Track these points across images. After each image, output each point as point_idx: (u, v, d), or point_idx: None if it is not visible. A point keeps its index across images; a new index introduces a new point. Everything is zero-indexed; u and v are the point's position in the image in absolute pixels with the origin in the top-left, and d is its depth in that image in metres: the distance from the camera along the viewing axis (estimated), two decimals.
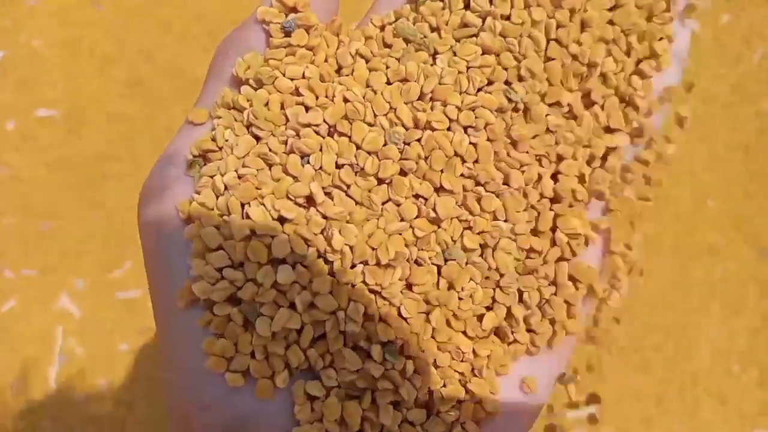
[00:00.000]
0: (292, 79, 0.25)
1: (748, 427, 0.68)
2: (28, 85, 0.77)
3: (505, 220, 0.25)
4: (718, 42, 0.81)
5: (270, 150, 0.25)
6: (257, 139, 0.25)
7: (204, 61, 0.84)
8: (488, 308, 0.25)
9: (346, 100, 0.25)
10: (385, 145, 0.25)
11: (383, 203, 0.25)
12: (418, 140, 0.25)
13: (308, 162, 0.24)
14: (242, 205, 0.24)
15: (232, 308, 0.24)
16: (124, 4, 0.81)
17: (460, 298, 0.25)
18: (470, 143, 0.25)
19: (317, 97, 0.25)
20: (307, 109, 0.25)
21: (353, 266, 0.24)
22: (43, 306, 0.69)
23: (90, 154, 0.75)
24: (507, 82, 0.26)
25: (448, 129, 0.25)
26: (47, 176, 0.74)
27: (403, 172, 0.25)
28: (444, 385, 0.25)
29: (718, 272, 0.73)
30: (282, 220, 0.24)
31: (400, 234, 0.24)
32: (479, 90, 0.26)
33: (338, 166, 0.25)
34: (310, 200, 0.24)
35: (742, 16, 0.82)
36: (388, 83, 0.26)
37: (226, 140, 0.25)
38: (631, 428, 0.68)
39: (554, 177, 0.26)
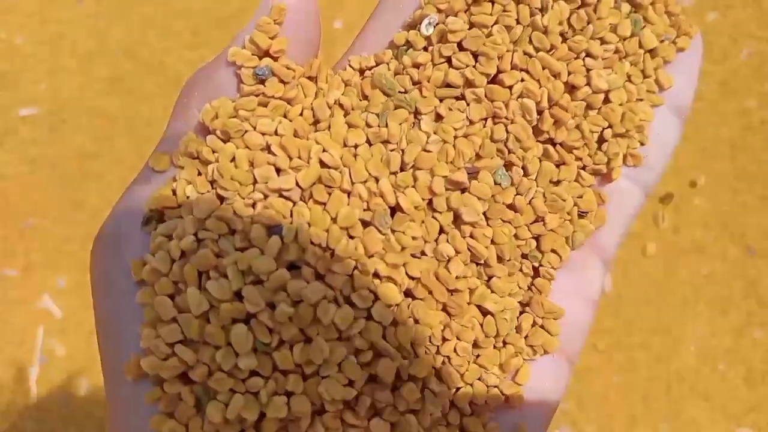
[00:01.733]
0: (263, 134, 0.23)
1: (733, 425, 0.69)
2: (10, 82, 0.77)
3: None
4: (704, 40, 0.81)
5: (235, 213, 0.22)
6: (221, 199, 0.23)
7: (186, 57, 0.84)
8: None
9: (322, 163, 0.23)
10: (366, 226, 0.23)
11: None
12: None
13: (276, 233, 0.22)
14: (199, 274, 0.22)
15: (184, 386, 0.22)
16: (105, 0, 0.80)
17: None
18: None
19: (290, 158, 0.23)
20: (278, 171, 0.23)
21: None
22: (25, 306, 0.69)
23: (72, 152, 0.74)
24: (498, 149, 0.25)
25: (433, 210, 0.24)
26: (29, 174, 0.73)
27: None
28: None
29: (704, 270, 0.74)
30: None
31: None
32: (470, 173, 0.24)
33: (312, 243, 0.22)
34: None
35: (729, 14, 0.82)
36: (368, 142, 0.24)
37: (188, 197, 0.23)
38: (616, 427, 0.68)
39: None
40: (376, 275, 0.22)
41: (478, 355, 0.24)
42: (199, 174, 0.23)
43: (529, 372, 0.25)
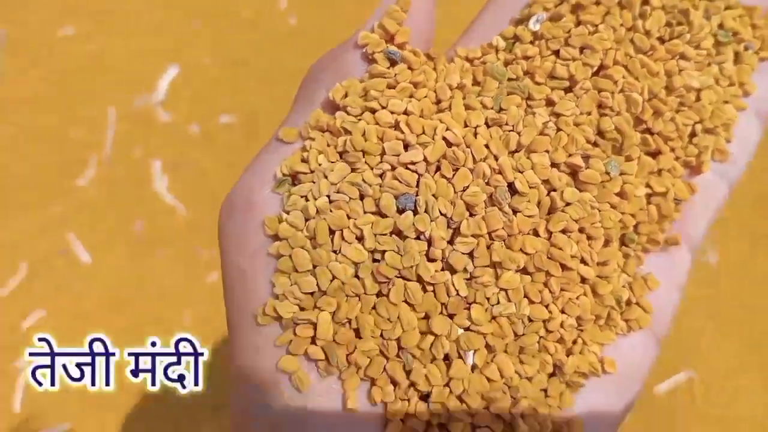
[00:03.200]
0: (392, 113, 0.25)
1: None
2: (202, 98, 0.84)
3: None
4: None
5: (364, 181, 0.24)
6: (352, 168, 0.24)
7: None
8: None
9: (447, 142, 0.24)
10: (487, 206, 0.24)
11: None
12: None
13: (404, 203, 0.23)
14: (331, 232, 0.24)
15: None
16: (278, 27, 0.88)
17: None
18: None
19: (417, 135, 0.24)
20: (406, 147, 0.24)
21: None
22: None
23: None
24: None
25: (550, 189, 0.24)
26: (230, 173, 0.79)
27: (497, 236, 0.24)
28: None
29: None
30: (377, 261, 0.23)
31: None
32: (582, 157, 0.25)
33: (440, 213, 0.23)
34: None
35: None
36: (486, 124, 0.25)
37: (320, 164, 0.24)
38: None
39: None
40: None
41: (581, 330, 0.25)
42: (328, 145, 0.25)
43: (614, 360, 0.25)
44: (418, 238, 0.23)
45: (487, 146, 0.24)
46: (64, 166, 0.80)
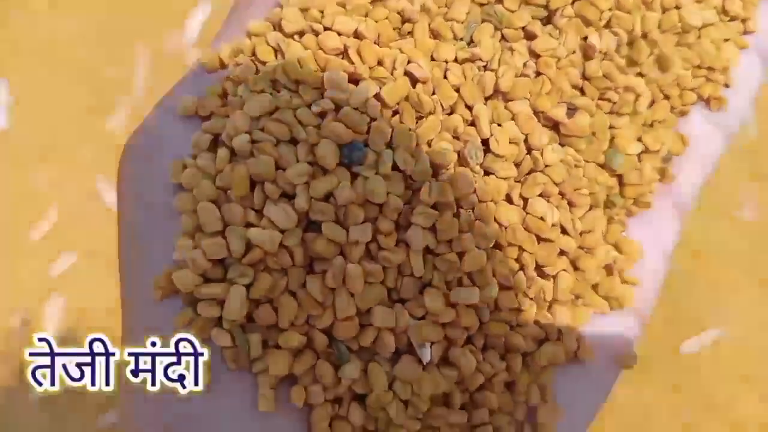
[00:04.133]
0: (339, 35, 0.20)
1: None
2: None
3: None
4: None
5: (299, 121, 0.19)
6: (277, 102, 0.19)
7: None
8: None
9: (410, 78, 0.19)
10: (456, 165, 0.19)
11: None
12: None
13: (354, 159, 0.18)
14: (252, 183, 0.18)
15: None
16: None
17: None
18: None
19: (370, 67, 0.19)
20: (356, 81, 0.19)
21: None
22: None
23: None
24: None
25: (529, 148, 0.20)
26: None
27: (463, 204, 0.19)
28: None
29: None
30: (312, 230, 0.18)
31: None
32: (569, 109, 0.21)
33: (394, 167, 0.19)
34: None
35: None
36: (456, 60, 0.21)
37: (240, 96, 0.20)
38: None
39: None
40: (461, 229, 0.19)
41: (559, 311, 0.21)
42: (257, 73, 0.20)
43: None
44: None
45: (457, 90, 0.20)
46: (95, 108, 0.80)
